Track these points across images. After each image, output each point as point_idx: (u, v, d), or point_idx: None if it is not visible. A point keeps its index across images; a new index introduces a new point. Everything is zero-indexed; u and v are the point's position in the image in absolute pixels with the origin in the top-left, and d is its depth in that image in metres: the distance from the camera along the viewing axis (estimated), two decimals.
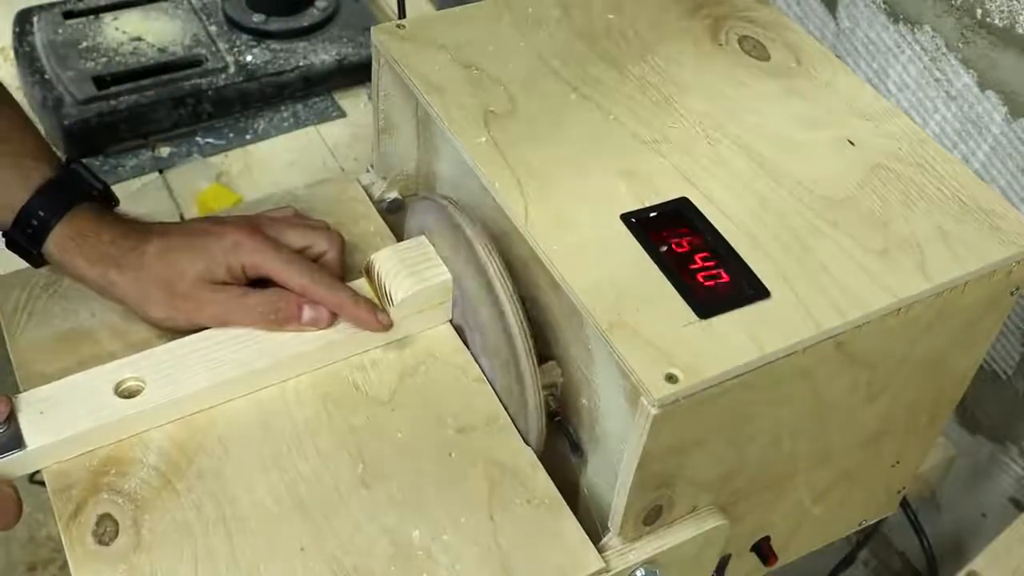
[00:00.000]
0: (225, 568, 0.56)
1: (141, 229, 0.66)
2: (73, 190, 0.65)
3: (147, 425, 0.62)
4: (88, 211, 0.65)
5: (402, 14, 0.90)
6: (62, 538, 0.57)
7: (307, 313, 0.65)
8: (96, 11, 1.09)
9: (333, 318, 0.66)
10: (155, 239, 0.65)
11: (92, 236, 0.64)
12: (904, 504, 0.83)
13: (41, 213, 0.63)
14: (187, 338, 0.65)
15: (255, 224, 0.68)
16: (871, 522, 0.81)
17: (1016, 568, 0.72)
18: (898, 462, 0.75)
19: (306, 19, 1.09)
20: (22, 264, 0.67)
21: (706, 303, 0.57)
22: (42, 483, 0.60)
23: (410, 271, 0.66)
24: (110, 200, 0.68)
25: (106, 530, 0.57)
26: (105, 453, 0.60)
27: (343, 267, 0.70)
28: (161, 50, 1.05)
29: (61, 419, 0.60)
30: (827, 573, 0.97)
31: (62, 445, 0.59)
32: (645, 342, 0.55)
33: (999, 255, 0.62)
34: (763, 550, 0.71)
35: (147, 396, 0.61)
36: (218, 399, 0.63)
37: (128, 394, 0.62)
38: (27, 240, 0.64)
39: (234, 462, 0.61)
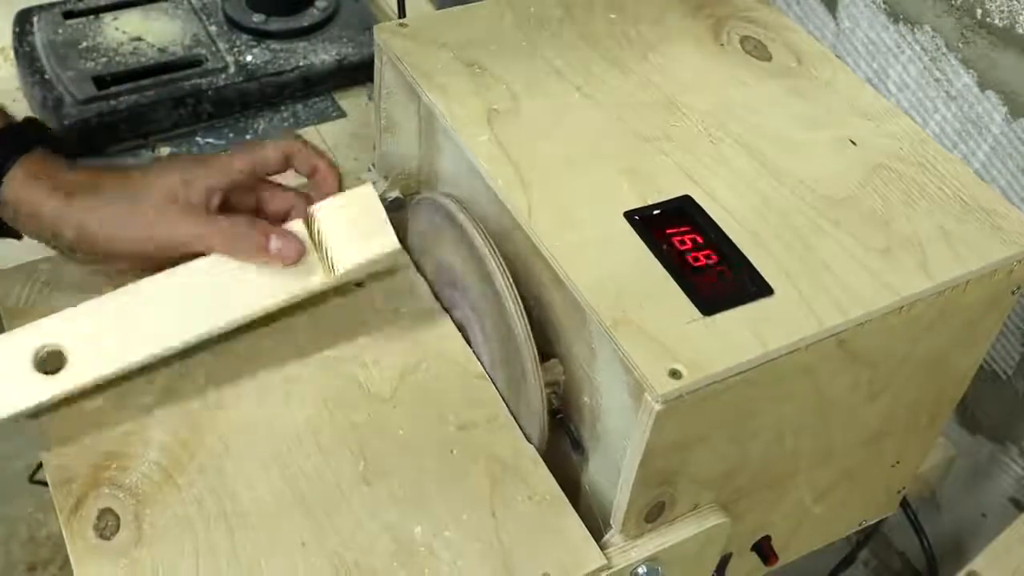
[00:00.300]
0: (226, 563, 0.56)
1: (98, 168, 0.64)
2: (27, 136, 0.64)
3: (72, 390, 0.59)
4: (43, 155, 0.63)
5: (402, 14, 0.90)
6: (63, 532, 0.57)
7: (274, 243, 0.62)
8: (96, 11, 1.08)
9: (301, 253, 0.63)
10: (111, 175, 0.63)
11: (47, 177, 0.62)
12: (904, 504, 0.83)
13: None
14: (107, 296, 0.62)
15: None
16: (871, 522, 0.81)
17: (1016, 568, 0.72)
18: (898, 462, 0.76)
19: (306, 19, 1.09)
20: (22, 260, 0.67)
21: (709, 300, 0.57)
22: (43, 483, 0.60)
23: (356, 236, 0.63)
24: (66, 152, 0.66)
25: (107, 524, 0.57)
26: (106, 448, 0.60)
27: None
28: (161, 50, 1.05)
29: None
30: (827, 573, 0.97)
31: None
32: (649, 339, 0.55)
33: (1000, 254, 0.63)
34: (764, 549, 0.71)
35: (71, 369, 0.59)
36: (148, 360, 0.62)
37: (49, 367, 0.59)
38: None
39: (235, 458, 0.61)
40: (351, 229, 0.64)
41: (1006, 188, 0.84)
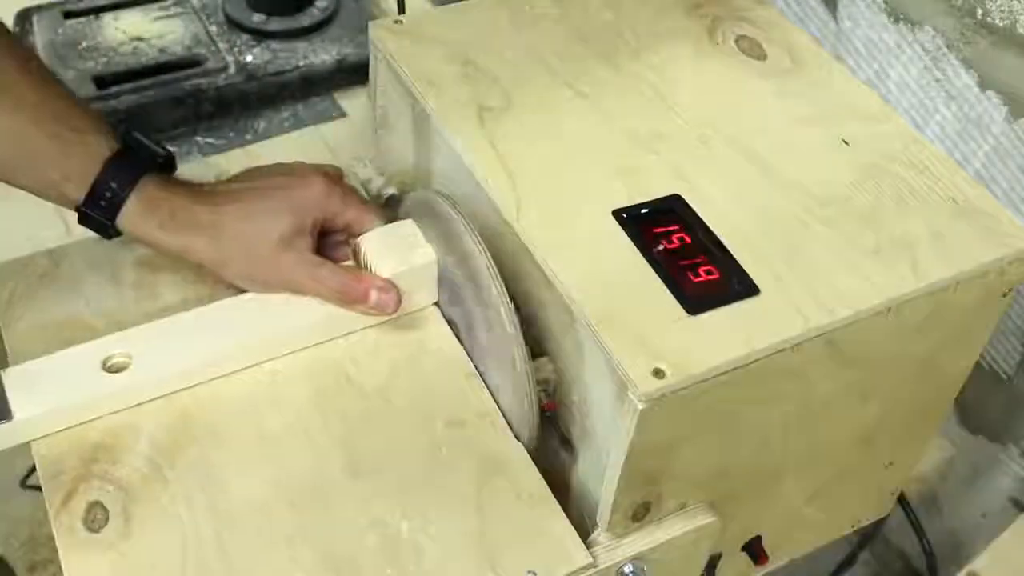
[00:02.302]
0: (214, 557, 0.56)
1: (212, 192, 0.67)
2: (140, 160, 0.65)
3: (135, 400, 0.62)
4: (157, 179, 0.65)
5: (401, 13, 0.91)
6: (52, 525, 0.57)
7: (374, 296, 0.66)
8: (96, 11, 1.09)
9: (398, 304, 0.66)
10: (232, 204, 0.66)
11: (164, 204, 0.65)
12: (904, 504, 0.82)
13: (113, 185, 0.64)
14: (177, 315, 0.65)
15: (332, 173, 0.70)
16: (864, 524, 0.81)
17: (1016, 568, 0.72)
18: (891, 463, 0.75)
19: (306, 19, 1.09)
20: (17, 254, 0.67)
21: (696, 299, 0.57)
22: (36, 487, 0.60)
23: (395, 252, 0.67)
24: (172, 166, 0.69)
25: (96, 517, 0.57)
26: (96, 440, 0.61)
27: None
28: (161, 50, 1.05)
29: (48, 391, 0.61)
30: (828, 574, 0.97)
31: (49, 416, 0.60)
32: (634, 337, 0.55)
33: (991, 255, 0.62)
34: (754, 549, 0.71)
35: (134, 371, 0.62)
36: (207, 375, 0.64)
37: (115, 369, 0.62)
38: (102, 213, 0.64)
39: (225, 452, 0.61)
40: (390, 249, 0.67)
41: (1007, 189, 0.84)
